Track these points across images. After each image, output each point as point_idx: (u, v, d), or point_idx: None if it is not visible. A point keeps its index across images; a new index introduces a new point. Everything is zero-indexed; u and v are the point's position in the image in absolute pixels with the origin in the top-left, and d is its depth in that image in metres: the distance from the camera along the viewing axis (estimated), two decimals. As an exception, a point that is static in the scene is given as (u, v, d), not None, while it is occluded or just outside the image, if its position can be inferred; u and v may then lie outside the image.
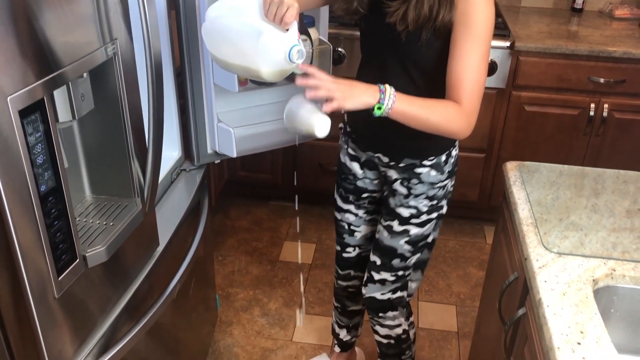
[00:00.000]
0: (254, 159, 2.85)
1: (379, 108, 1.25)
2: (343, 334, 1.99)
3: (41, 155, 1.00)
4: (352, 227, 1.73)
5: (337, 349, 2.05)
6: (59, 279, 1.07)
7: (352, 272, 1.81)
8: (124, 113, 1.24)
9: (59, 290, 1.08)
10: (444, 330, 2.30)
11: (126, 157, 1.29)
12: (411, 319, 1.79)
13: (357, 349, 2.13)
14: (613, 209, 1.35)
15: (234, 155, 1.78)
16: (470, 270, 2.64)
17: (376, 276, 1.65)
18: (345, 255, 1.78)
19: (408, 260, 1.62)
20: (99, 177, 1.31)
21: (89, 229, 1.23)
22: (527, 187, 1.41)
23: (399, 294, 1.68)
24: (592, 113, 2.50)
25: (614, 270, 1.15)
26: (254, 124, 1.83)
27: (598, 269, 1.15)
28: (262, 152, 2.79)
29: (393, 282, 1.65)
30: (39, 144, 0.98)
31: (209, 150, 1.86)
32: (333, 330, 2.02)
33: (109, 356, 1.24)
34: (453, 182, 1.59)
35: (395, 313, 1.71)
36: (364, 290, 1.70)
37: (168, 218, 1.62)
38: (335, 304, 1.94)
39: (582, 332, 1.01)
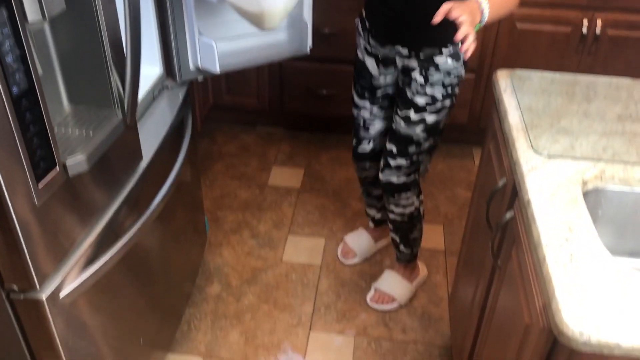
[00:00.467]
0: (239, 82, 2.79)
1: (480, 22, 1.35)
2: (373, 213, 2.22)
3: (10, 54, 0.94)
4: (367, 123, 1.88)
5: (371, 225, 2.29)
6: (39, 186, 1.05)
7: (368, 164, 1.98)
8: (98, 18, 1.18)
9: (40, 198, 1.06)
10: (431, 249, 2.33)
11: (104, 66, 1.24)
12: (421, 197, 1.96)
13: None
14: (604, 115, 1.33)
15: (217, 69, 1.73)
16: (458, 191, 2.65)
17: (392, 163, 1.80)
18: (360, 149, 1.95)
19: (422, 146, 1.76)
20: (76, 86, 1.27)
21: (68, 138, 1.19)
22: (518, 94, 1.39)
23: (412, 176, 1.84)
24: (585, 30, 2.45)
25: (604, 172, 1.14)
26: (237, 38, 1.76)
27: (588, 171, 1.14)
28: (247, 75, 2.77)
29: (408, 166, 1.80)
30: (7, 41, 0.93)
31: (191, 67, 1.80)
32: (366, 210, 2.25)
33: (95, 269, 1.23)
34: (465, 71, 1.68)
35: (408, 194, 1.87)
36: (380, 176, 1.85)
37: (151, 134, 1.58)
38: (362, 187, 2.14)
39: (570, 230, 1.00)
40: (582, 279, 0.90)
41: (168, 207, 1.68)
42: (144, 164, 1.48)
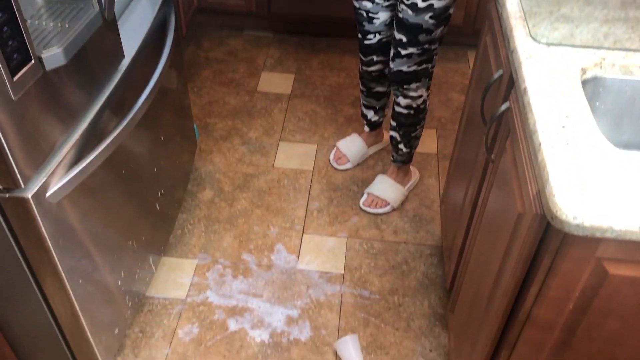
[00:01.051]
0: (224, -17, 2.66)
1: None
2: (370, 115, 2.19)
3: None
4: (370, 14, 1.81)
5: (366, 129, 2.26)
6: (14, 79, 1.00)
7: (375, 58, 1.93)
8: None
9: (16, 92, 1.01)
10: (424, 153, 2.31)
11: (76, -47, 1.16)
12: (429, 90, 1.92)
13: (384, 131, 2.32)
14: (607, 1, 1.26)
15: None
16: (452, 95, 2.60)
17: (403, 52, 1.76)
18: (366, 42, 1.89)
19: (433, 34, 1.71)
20: (47, -24, 1.19)
21: (43, 31, 1.13)
22: (517, -19, 1.31)
23: (424, 65, 1.79)
24: None
25: (604, 59, 1.10)
26: None
27: (587, 59, 1.10)
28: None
29: (419, 55, 1.75)
30: None
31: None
32: (361, 112, 2.22)
33: (79, 169, 1.21)
34: None
35: (418, 84, 1.84)
36: (391, 64, 1.81)
37: (132, 33, 1.51)
38: (362, 88, 2.11)
39: (567, 117, 0.98)
40: (578, 165, 0.88)
41: (154, 111, 1.64)
42: (125, 63, 1.42)
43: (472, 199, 1.44)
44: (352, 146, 2.27)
